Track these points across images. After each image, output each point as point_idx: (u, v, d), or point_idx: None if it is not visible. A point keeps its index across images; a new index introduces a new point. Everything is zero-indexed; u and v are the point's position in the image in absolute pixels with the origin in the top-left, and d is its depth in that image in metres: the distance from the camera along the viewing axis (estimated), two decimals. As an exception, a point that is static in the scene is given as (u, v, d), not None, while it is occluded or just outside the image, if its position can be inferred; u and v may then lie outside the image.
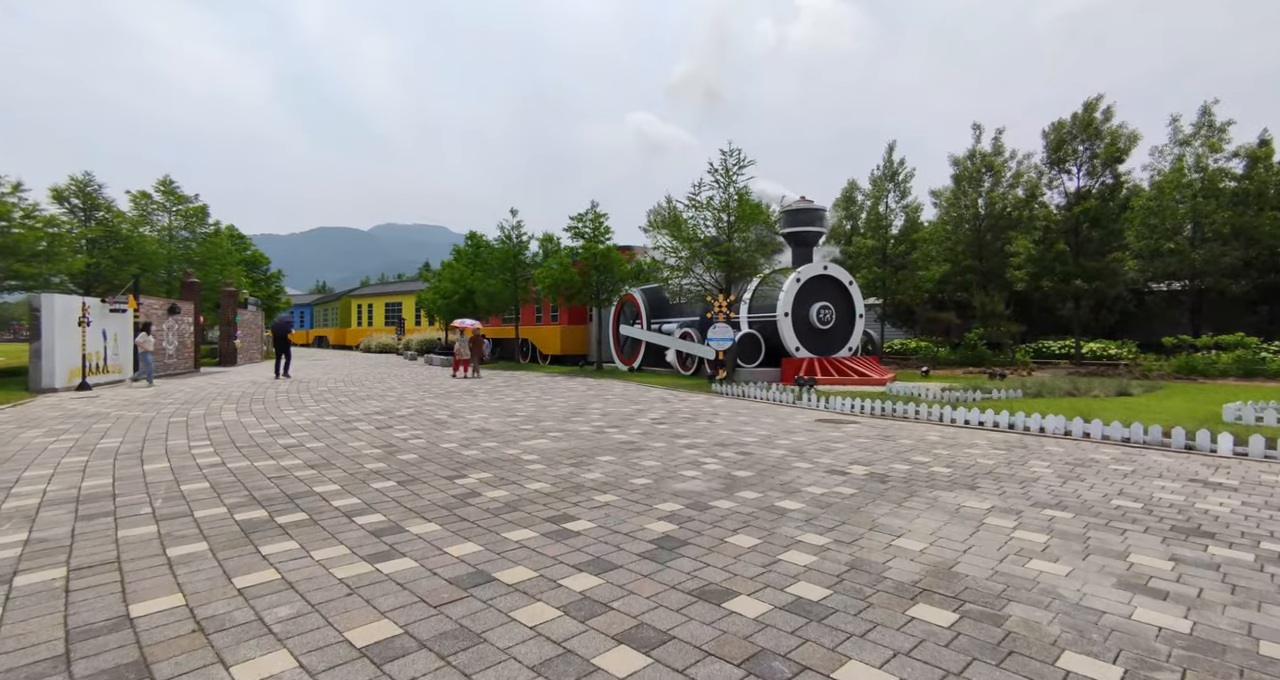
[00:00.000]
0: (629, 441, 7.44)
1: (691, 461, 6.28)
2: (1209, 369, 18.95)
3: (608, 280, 21.16)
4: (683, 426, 8.68)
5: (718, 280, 16.55)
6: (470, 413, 9.98)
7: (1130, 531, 4.05)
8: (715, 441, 7.50)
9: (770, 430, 8.43)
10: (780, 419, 9.68)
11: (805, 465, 6.13)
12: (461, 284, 26.76)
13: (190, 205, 22.68)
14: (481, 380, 17.36)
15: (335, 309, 57.26)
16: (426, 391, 13.71)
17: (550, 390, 14.33)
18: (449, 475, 5.56)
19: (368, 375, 18.78)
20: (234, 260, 26.13)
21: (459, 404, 11.24)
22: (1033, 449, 7.10)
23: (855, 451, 6.90)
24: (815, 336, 18.96)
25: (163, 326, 16.81)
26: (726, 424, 9.00)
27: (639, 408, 10.91)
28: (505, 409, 10.55)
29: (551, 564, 3.43)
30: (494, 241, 25.23)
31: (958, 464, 6.22)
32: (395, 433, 7.91)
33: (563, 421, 9.09)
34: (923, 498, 4.91)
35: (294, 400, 11.54)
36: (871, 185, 28.79)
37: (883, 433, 8.33)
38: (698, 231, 16.48)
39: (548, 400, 12.05)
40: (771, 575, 3.29)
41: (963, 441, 7.62)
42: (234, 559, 3.43)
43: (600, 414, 9.98)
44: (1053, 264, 21.18)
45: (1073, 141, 21.75)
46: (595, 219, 20.71)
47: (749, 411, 10.59)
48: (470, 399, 12.12)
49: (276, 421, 8.79)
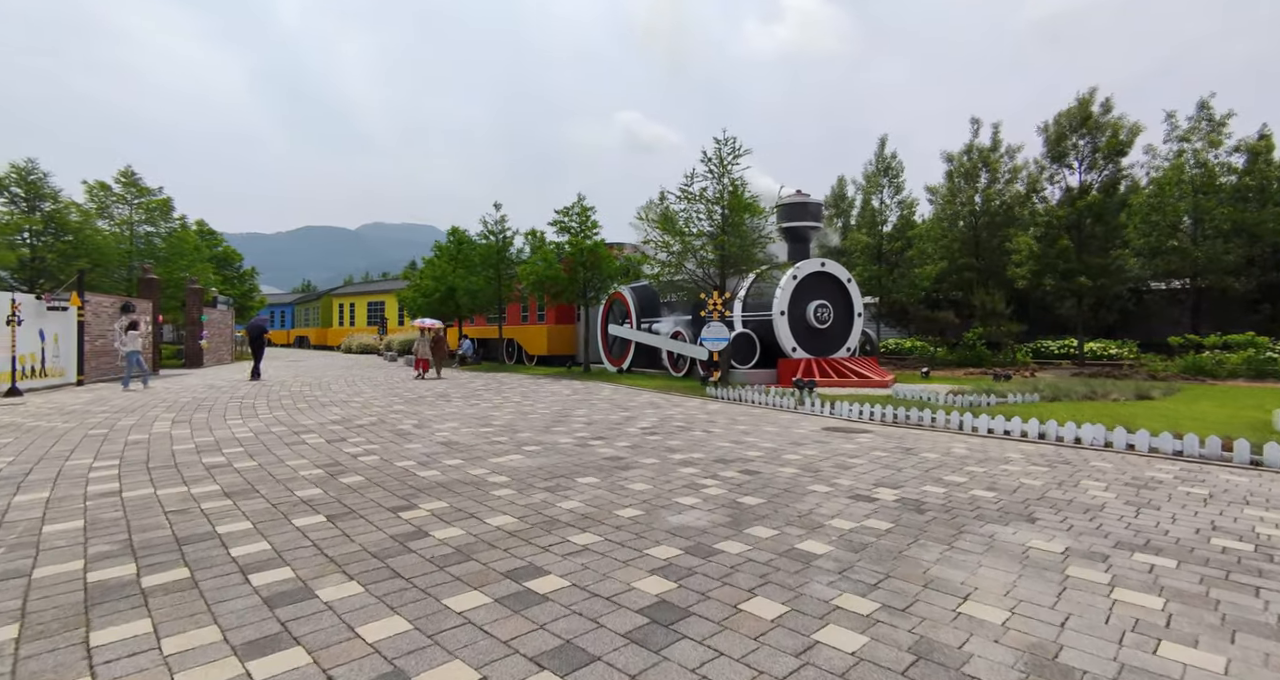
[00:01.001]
0: (616, 457, 6.47)
1: (688, 484, 5.32)
2: (1217, 370, 18.32)
3: (595, 277, 20.17)
4: (676, 437, 7.73)
5: (711, 277, 15.61)
6: (440, 422, 8.95)
7: (1266, 590, 3.14)
8: (714, 456, 6.55)
9: (775, 442, 7.50)
10: (783, 427, 8.76)
11: (823, 488, 5.19)
12: (443, 282, 25.61)
13: (153, 198, 21.36)
14: (458, 385, 16.31)
15: (316, 308, 55.75)
16: (397, 396, 12.65)
17: (532, 394, 13.32)
18: (395, 505, 4.56)
19: (340, 377, 17.65)
20: (202, 256, 24.79)
21: (429, 411, 10.21)
22: (1077, 465, 6.22)
23: (876, 469, 5.98)
24: (812, 336, 18.10)
25: (114, 326, 15.57)
26: (725, 434, 8.06)
27: (628, 415, 9.94)
28: (480, 417, 9.53)
29: (502, 656, 2.45)
30: (476, 237, 24.14)
31: (1000, 486, 5.31)
32: (347, 447, 6.87)
33: (542, 432, 8.09)
34: (975, 535, 3.98)
35: (246, 407, 10.44)
36: (865, 180, 28.01)
37: (900, 444, 7.43)
38: (690, 225, 15.53)
39: (528, 406, 11.05)
40: (810, 673, 2.34)
41: (994, 455, 6.73)
42: (39, 658, 2.41)
43: (585, 422, 9.00)
44: (1055, 261, 20.46)
45: (1073, 134, 21.06)
46: (582, 213, 19.70)
47: (748, 418, 9.66)
48: (443, 405, 11.09)
49: (214, 434, 7.71)
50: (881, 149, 27.14)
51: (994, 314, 22.41)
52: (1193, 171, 22.22)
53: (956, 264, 25.91)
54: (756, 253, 15.20)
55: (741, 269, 15.84)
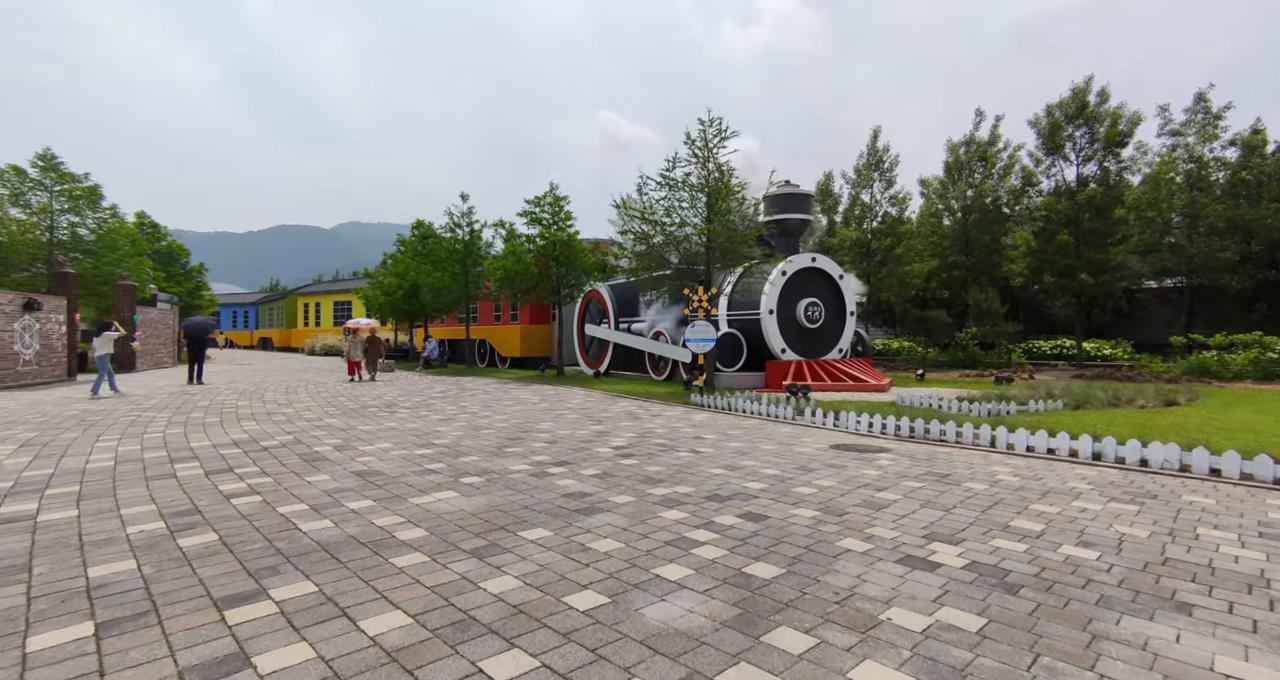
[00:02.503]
0: (579, 494, 4.98)
1: (674, 539, 3.87)
2: (1222, 371, 17.46)
3: (570, 273, 18.64)
4: (657, 461, 6.26)
5: (696, 272, 14.18)
6: (370, 440, 7.37)
7: None
8: (706, 490, 5.10)
9: (778, 466, 6.08)
10: (784, 444, 7.35)
11: (858, 544, 3.77)
12: (407, 279, 23.81)
13: (78, 185, 19.22)
14: (412, 391, 14.68)
15: (280, 308, 53.18)
16: (335, 407, 10.99)
17: (494, 403, 11.75)
18: (230, 593, 3.01)
19: (284, 383, 15.85)
20: (139, 250, 22.62)
21: (364, 426, 8.60)
22: (1167, 500, 4.90)
23: (917, 508, 4.58)
24: (803, 336, 16.80)
25: (14, 326, 13.60)
26: (716, 454, 6.62)
27: (600, 429, 8.45)
28: (423, 434, 7.96)
29: None
30: (442, 231, 22.43)
31: (1096, 538, 3.94)
32: (227, 482, 5.27)
33: (493, 454, 6.56)
34: (1119, 643, 2.57)
35: (138, 423, 8.71)
36: (855, 174, 26.88)
37: (930, 467, 6.06)
38: (672, 214, 14.07)
39: (485, 418, 9.49)
40: None
41: (1053, 484, 5.39)
42: None
43: (548, 440, 7.49)
44: (1055, 257, 19.47)
45: (1069, 125, 20.10)
46: (555, 203, 18.14)
47: (741, 433, 8.24)
48: (383, 418, 9.47)
49: (58, 464, 6.02)
50: (874, 141, 26.05)
51: (989, 313, 21.39)
52: (1187, 166, 21.48)
53: (947, 262, 24.92)
54: (743, 246, 13.79)
55: (728, 263, 14.44)
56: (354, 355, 17.18)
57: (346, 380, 16.90)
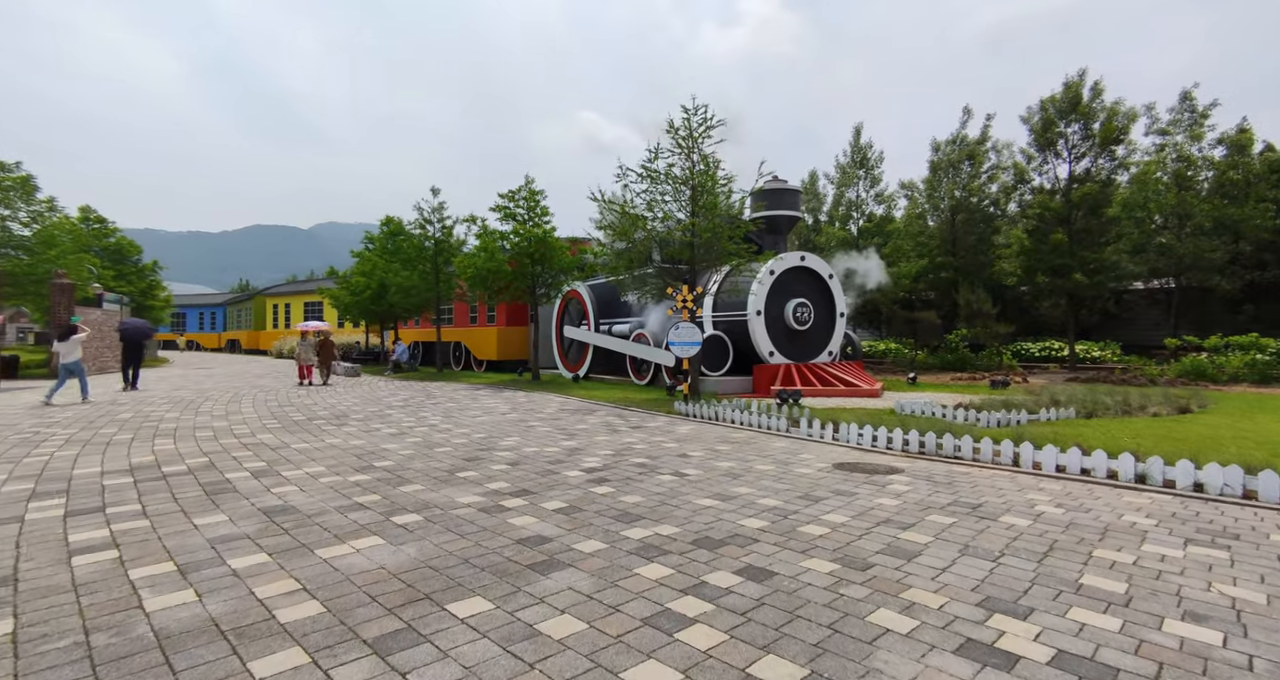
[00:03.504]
0: (536, 538, 3.98)
1: (655, 611, 2.88)
2: (1217, 374, 17.00)
3: (546, 272, 17.57)
4: (636, 488, 5.28)
5: (680, 271, 13.24)
6: (299, 463, 6.27)
7: None
8: (694, 532, 4.13)
9: (778, 493, 5.13)
10: (781, 463, 6.41)
11: (896, 621, 2.83)
12: (375, 278, 22.51)
13: (7, 175, 17.63)
14: (369, 400, 13.57)
15: (249, 309, 51.17)
16: (279, 418, 9.82)
17: (459, 413, 10.68)
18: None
19: (232, 389, 14.57)
20: (80, 247, 21.02)
21: (299, 444, 7.48)
22: (1253, 540, 4.04)
23: (956, 556, 3.66)
24: (791, 339, 15.96)
25: (-81, 328, 12.17)
26: (704, 480, 5.65)
27: (572, 445, 7.44)
28: (365, 453, 6.88)
29: None
30: (411, 227, 21.20)
31: (1207, 609, 3.03)
32: (82, 530, 4.16)
33: (440, 483, 5.53)
34: None
35: (30, 440, 7.49)
36: (840, 172, 26.21)
37: (955, 494, 5.17)
38: (654, 208, 13.10)
39: (444, 432, 8.43)
40: None
41: (1104, 517, 4.51)
42: None
43: (510, 461, 6.47)
44: (1049, 256, 18.89)
45: (1061, 121, 19.58)
46: (530, 197, 17.08)
47: (731, 448, 7.28)
48: (327, 433, 8.36)
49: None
50: (857, 139, 25.40)
51: (980, 314, 20.78)
52: (1175, 165, 21.11)
53: (935, 262, 24.34)
54: (730, 244, 12.87)
55: (713, 261, 13.51)
56: (304, 359, 16.58)
57: (297, 384, 16.26)
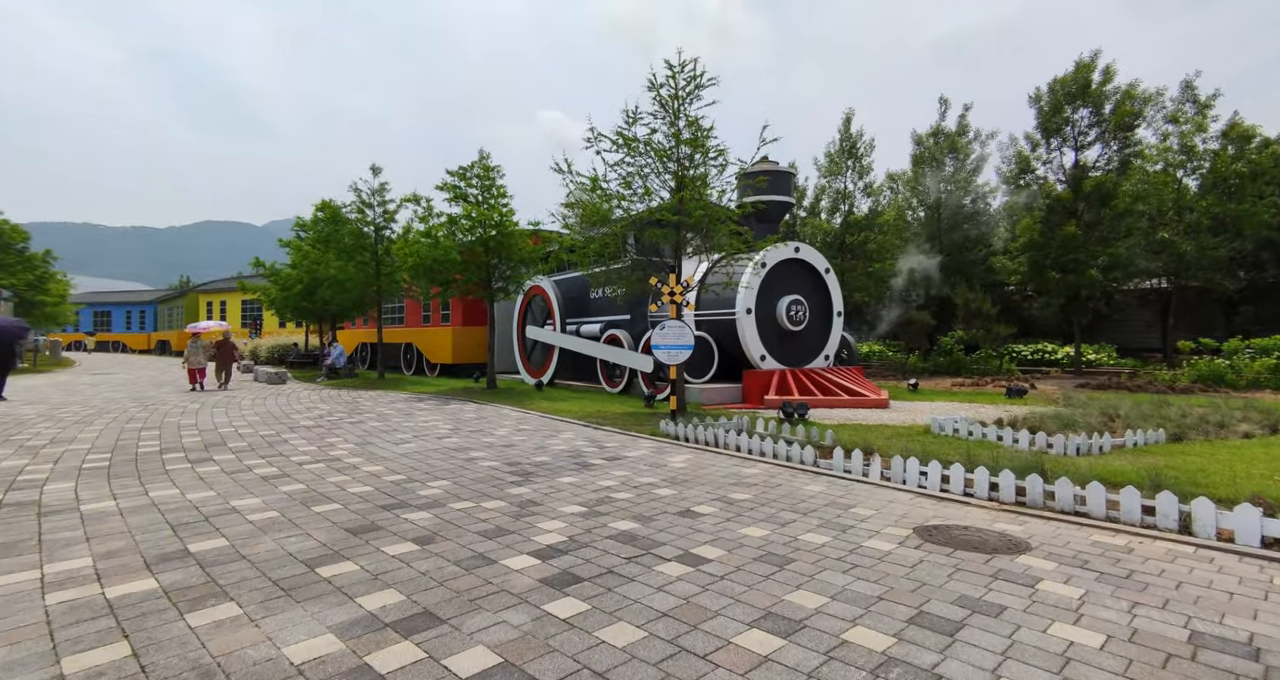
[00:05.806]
0: None
1: None
2: (1236, 380, 15.72)
3: (504, 263, 15.16)
4: (622, 604, 3.03)
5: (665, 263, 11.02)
6: (53, 551, 3.82)
7: None
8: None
9: (870, 610, 2.94)
10: (834, 528, 4.25)
11: None
12: (309, 271, 19.59)
13: None
14: (274, 417, 10.97)
15: (181, 308, 46.91)
16: (123, 449, 7.22)
17: (380, 437, 8.23)
18: None
19: (109, 400, 11.72)
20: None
21: (104, 501, 4.98)
22: None
23: None
24: (784, 341, 13.97)
25: None
26: (732, 572, 3.43)
27: (525, 495, 5.13)
28: (191, 523, 4.44)
29: None
30: (348, 210, 18.45)
31: None
32: None
33: (280, 594, 3.16)
34: None
35: None
36: (827, 161, 24.46)
37: (1146, 602, 3.08)
38: (630, 183, 10.83)
39: (346, 471, 6.00)
40: None
41: None
42: None
43: (423, 532, 4.13)
44: (1058, 251, 17.38)
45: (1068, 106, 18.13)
46: (485, 174, 14.62)
47: (751, 497, 5.08)
48: (165, 479, 5.84)
49: None
50: (846, 127, 23.66)
51: (978, 315, 19.22)
52: (1179, 157, 19.98)
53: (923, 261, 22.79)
54: (722, 227, 10.70)
55: (702, 248, 11.34)
56: (194, 362, 15.36)
57: (189, 390, 14.87)
